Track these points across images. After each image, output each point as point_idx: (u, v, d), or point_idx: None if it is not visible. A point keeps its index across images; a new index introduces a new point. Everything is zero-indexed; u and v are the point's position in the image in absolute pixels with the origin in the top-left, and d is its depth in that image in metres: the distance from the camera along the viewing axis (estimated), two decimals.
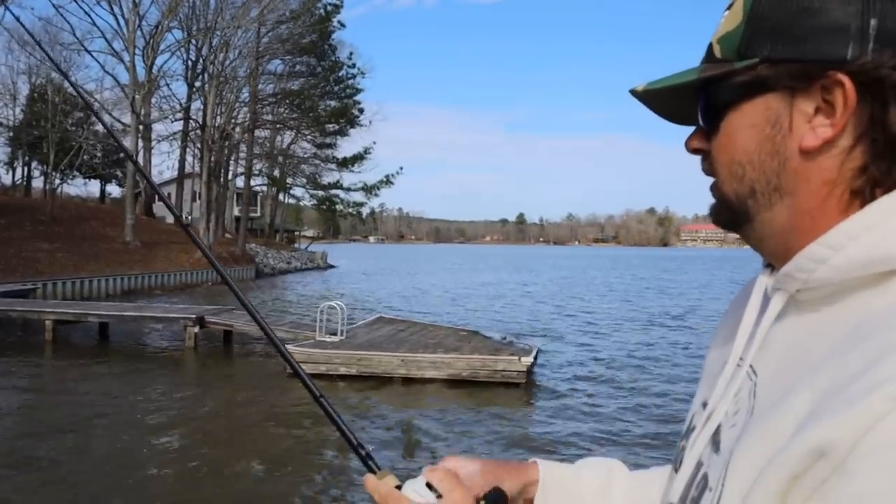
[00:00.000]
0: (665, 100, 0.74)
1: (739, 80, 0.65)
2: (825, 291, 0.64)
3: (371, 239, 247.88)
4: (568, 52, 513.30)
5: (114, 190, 61.54)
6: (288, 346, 10.70)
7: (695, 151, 0.73)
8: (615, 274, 54.12)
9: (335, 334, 12.94)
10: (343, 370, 11.59)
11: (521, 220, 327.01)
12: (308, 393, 0.95)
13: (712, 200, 0.73)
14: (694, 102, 0.72)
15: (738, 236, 0.73)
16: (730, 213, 0.71)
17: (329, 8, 44.92)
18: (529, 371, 11.44)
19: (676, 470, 0.76)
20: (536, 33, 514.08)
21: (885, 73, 0.58)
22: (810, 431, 0.54)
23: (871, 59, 0.59)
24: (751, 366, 0.69)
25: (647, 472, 0.99)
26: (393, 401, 10.53)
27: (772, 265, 0.70)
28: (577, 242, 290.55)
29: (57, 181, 40.28)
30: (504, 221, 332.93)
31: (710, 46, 0.70)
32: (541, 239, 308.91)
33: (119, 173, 54.76)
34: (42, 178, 42.55)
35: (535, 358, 11.92)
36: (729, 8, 0.69)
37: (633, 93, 0.74)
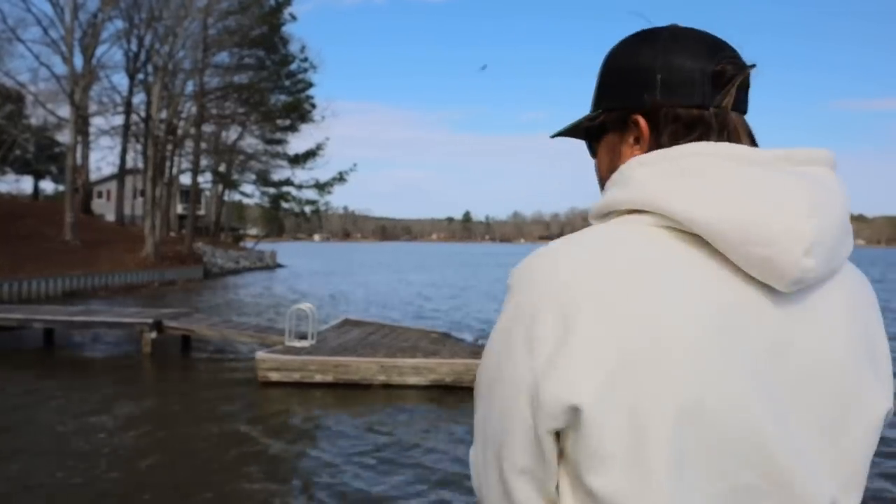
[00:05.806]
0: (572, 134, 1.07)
1: (595, 125, 0.98)
2: None
3: (316, 237, 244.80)
4: (512, 53, 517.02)
5: (47, 186, 58.72)
6: (259, 353, 9.88)
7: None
8: None
9: (305, 338, 12.20)
10: (319, 378, 10.85)
11: (467, 217, 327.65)
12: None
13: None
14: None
15: None
16: None
17: None
18: None
19: None
20: (481, 34, 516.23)
21: (666, 110, 0.89)
22: None
23: (659, 100, 0.89)
24: None
25: None
26: (377, 411, 9.84)
27: None
28: (522, 240, 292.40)
29: None
30: (450, 219, 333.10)
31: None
32: (487, 236, 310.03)
33: (54, 169, 52.35)
34: None
35: None
36: None
37: (554, 135, 1.08)
